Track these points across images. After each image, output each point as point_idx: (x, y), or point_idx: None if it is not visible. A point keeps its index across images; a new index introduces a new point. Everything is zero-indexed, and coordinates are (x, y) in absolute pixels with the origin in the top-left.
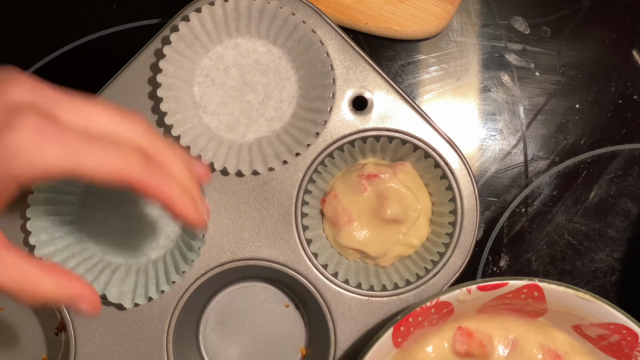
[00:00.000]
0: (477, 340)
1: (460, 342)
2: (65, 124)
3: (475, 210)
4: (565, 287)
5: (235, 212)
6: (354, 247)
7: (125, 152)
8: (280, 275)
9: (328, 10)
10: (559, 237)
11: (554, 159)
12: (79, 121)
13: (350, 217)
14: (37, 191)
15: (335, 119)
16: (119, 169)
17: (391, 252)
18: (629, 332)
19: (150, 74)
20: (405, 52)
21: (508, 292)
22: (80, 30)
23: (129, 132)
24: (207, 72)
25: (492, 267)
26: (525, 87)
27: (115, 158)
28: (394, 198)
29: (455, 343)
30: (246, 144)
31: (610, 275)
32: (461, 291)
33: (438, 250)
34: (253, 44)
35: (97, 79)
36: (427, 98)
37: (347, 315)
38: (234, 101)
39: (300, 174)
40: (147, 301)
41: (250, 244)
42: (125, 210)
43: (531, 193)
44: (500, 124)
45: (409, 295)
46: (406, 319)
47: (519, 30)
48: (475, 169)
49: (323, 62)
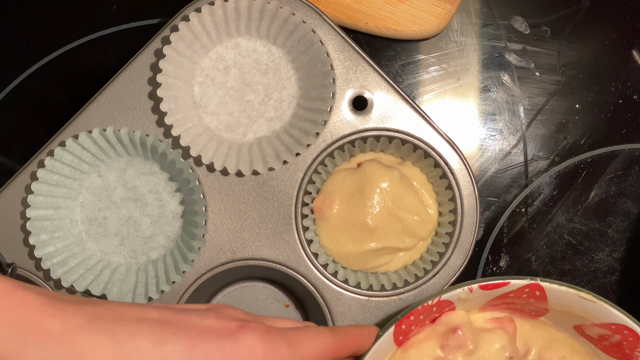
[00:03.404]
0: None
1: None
2: (279, 327)
3: (475, 210)
4: (567, 287)
5: (235, 212)
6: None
7: (322, 330)
8: (280, 275)
9: (328, 10)
10: (559, 237)
11: (554, 159)
12: (279, 324)
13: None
14: (37, 192)
15: (335, 119)
16: (326, 344)
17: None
18: (631, 333)
19: (150, 74)
20: (405, 52)
21: (510, 291)
22: (80, 30)
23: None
24: (207, 72)
25: (492, 267)
26: (525, 87)
27: (321, 336)
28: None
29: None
30: (246, 144)
31: (610, 275)
32: (463, 290)
33: (438, 250)
34: (253, 44)
35: (97, 79)
36: (427, 98)
37: (347, 315)
38: (234, 101)
39: (300, 174)
40: (147, 301)
41: (250, 244)
42: (125, 210)
43: (531, 193)
44: (500, 124)
45: (409, 295)
46: (407, 317)
47: (519, 30)
48: (475, 169)
49: (323, 62)
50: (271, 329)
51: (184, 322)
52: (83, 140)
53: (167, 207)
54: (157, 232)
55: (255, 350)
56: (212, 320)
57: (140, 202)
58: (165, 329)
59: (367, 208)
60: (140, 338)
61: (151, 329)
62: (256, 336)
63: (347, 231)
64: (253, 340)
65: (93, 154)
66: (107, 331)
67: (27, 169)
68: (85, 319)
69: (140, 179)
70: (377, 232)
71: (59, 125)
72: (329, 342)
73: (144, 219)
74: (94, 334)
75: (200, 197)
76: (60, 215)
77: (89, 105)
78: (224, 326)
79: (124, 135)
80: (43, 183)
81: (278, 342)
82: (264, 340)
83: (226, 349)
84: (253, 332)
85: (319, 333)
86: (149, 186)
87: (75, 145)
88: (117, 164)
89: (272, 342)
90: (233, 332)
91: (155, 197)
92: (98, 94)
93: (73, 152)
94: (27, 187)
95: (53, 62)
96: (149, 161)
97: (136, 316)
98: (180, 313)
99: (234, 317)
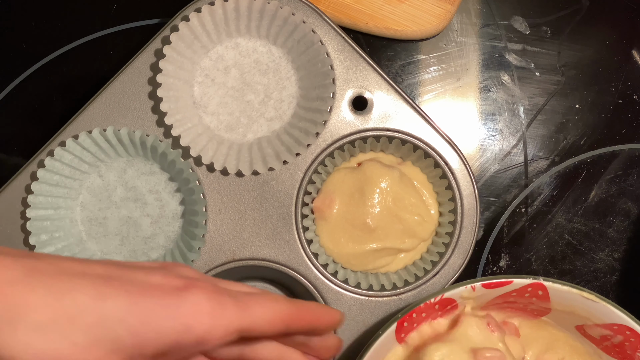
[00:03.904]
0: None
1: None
2: (229, 289)
3: (475, 210)
4: (570, 287)
5: (235, 212)
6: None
7: (277, 297)
8: (280, 275)
9: (328, 10)
10: (559, 237)
11: (554, 159)
12: (232, 287)
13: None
14: (37, 192)
15: (335, 119)
16: (281, 313)
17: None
18: (633, 333)
19: (150, 74)
20: (405, 52)
21: (512, 290)
22: (80, 30)
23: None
24: (207, 72)
25: (492, 267)
26: (525, 87)
27: (276, 303)
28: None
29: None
30: (246, 144)
31: (610, 275)
32: (465, 288)
33: (438, 250)
34: (253, 44)
35: (97, 79)
36: (427, 98)
37: (347, 315)
38: (234, 101)
39: (300, 174)
40: None
41: (250, 244)
42: (125, 210)
43: (531, 193)
44: (500, 124)
45: (409, 295)
46: (410, 314)
47: (519, 30)
48: (475, 169)
49: (323, 62)
50: (221, 289)
51: (128, 278)
52: (83, 140)
53: (167, 207)
54: (157, 232)
55: (200, 308)
56: (158, 278)
57: (140, 202)
58: (107, 285)
59: (367, 208)
60: (79, 292)
61: (92, 283)
62: (203, 294)
63: (347, 231)
64: (199, 297)
65: (93, 154)
66: (45, 284)
67: (27, 169)
68: (23, 272)
69: (140, 179)
70: (377, 232)
71: (59, 125)
72: (283, 310)
73: (144, 219)
74: (31, 287)
75: (200, 197)
76: (60, 215)
77: (89, 105)
78: (170, 283)
79: (124, 135)
80: (43, 183)
81: (226, 301)
82: (210, 298)
83: (169, 306)
84: (200, 290)
85: (273, 299)
86: (149, 186)
87: (75, 145)
88: (117, 164)
89: (219, 301)
90: (178, 290)
91: (155, 197)
92: (98, 94)
93: (73, 152)
94: (27, 187)
95: (53, 62)
96: (149, 161)
97: (78, 271)
98: (126, 269)
99: (184, 275)
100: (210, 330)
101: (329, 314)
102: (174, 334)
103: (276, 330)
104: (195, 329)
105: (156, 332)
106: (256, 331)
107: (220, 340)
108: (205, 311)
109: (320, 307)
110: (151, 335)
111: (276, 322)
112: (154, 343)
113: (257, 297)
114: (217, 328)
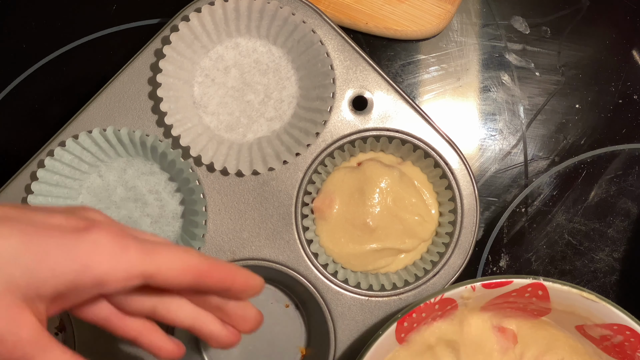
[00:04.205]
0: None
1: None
2: (137, 235)
3: (475, 210)
4: (570, 287)
5: (235, 212)
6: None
7: (189, 249)
8: (280, 275)
9: (328, 10)
10: (559, 237)
11: (554, 159)
12: (143, 235)
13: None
14: (37, 192)
15: (335, 119)
16: (190, 263)
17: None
18: (633, 334)
19: (150, 74)
20: (405, 52)
21: (512, 290)
22: (80, 30)
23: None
24: (207, 72)
25: (492, 267)
26: (525, 87)
27: (186, 253)
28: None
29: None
30: (246, 144)
31: (610, 275)
32: (465, 288)
33: (438, 250)
34: (253, 44)
35: (97, 79)
36: (427, 98)
37: (347, 315)
38: (234, 101)
39: (300, 174)
40: None
41: (250, 244)
42: (125, 210)
43: (531, 193)
44: (500, 124)
45: (409, 295)
46: (410, 314)
47: (519, 30)
48: (475, 169)
49: (323, 62)
50: (126, 233)
51: (26, 218)
52: (83, 140)
53: (167, 207)
54: (157, 232)
55: (100, 248)
56: (59, 219)
57: (140, 202)
58: (2, 225)
59: (367, 208)
60: None
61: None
62: (104, 234)
63: (347, 231)
64: (99, 237)
65: (93, 154)
66: None
67: (27, 169)
68: None
69: (140, 179)
70: (377, 233)
71: (59, 126)
72: (193, 263)
73: (144, 219)
74: None
75: (200, 197)
76: None
77: (89, 105)
78: (71, 224)
79: (124, 135)
80: (43, 183)
81: (129, 244)
82: (112, 239)
83: (66, 245)
84: (101, 230)
85: (184, 250)
86: (148, 186)
87: (75, 145)
88: (117, 164)
89: (121, 243)
90: (78, 230)
91: (155, 197)
92: (98, 94)
93: (73, 152)
94: (27, 187)
95: (53, 62)
96: (149, 161)
97: None
98: (27, 211)
99: (88, 218)
100: (109, 271)
101: (244, 275)
102: (71, 274)
103: (186, 283)
104: (94, 269)
105: (52, 271)
106: (163, 279)
107: (121, 283)
108: (105, 251)
109: (236, 267)
110: (47, 274)
111: (185, 272)
112: (50, 283)
113: (166, 245)
114: (117, 270)
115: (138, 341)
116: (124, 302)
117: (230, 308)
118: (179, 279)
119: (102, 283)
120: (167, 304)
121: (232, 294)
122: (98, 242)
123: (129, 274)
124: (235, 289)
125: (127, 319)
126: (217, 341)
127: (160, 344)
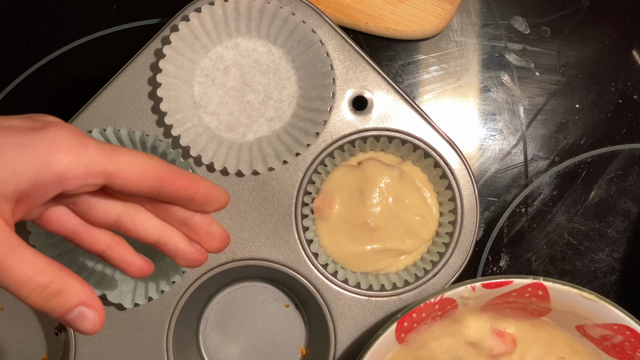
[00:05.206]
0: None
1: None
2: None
3: (475, 210)
4: (570, 287)
5: (235, 212)
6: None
7: (151, 155)
8: (280, 275)
9: (328, 10)
10: (559, 237)
11: (554, 159)
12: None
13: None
14: None
15: (335, 119)
16: (152, 167)
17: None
18: (633, 334)
19: (150, 74)
20: (405, 52)
21: (512, 290)
22: (80, 30)
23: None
24: (207, 72)
25: (492, 267)
26: (525, 87)
27: (148, 157)
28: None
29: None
30: (246, 144)
31: (610, 275)
32: (465, 288)
33: (438, 250)
34: (253, 44)
35: (97, 79)
36: (427, 98)
37: (347, 315)
38: (234, 101)
39: (300, 174)
40: (147, 301)
41: (250, 244)
42: None
43: (531, 193)
44: (500, 124)
45: (409, 295)
46: (410, 314)
47: (519, 30)
48: (475, 169)
49: (323, 62)
50: (85, 134)
51: None
52: None
53: None
54: None
55: (58, 144)
56: (16, 121)
57: None
58: None
59: (368, 207)
60: None
61: None
62: (62, 132)
63: (348, 231)
64: (57, 135)
65: None
66: None
67: None
68: None
69: None
70: (378, 233)
71: None
72: (155, 168)
73: None
74: None
75: None
76: None
77: (89, 105)
78: (28, 124)
79: (124, 135)
80: None
81: (89, 143)
82: (70, 137)
83: (23, 144)
84: (59, 128)
85: (145, 154)
86: None
87: None
88: None
89: (81, 142)
90: (35, 129)
91: None
92: (98, 94)
93: None
94: None
95: (53, 62)
96: None
97: None
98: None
99: (46, 120)
100: (69, 166)
101: (207, 185)
102: (31, 171)
103: (147, 186)
104: (54, 165)
105: (12, 169)
106: (124, 181)
107: (82, 180)
108: (63, 148)
109: (200, 177)
110: (7, 174)
111: (147, 175)
112: (11, 182)
113: (128, 149)
114: (77, 165)
115: (106, 255)
116: (88, 211)
117: (196, 222)
118: (140, 182)
119: (63, 179)
120: (132, 216)
121: (196, 205)
122: (56, 139)
123: (90, 170)
124: (199, 199)
125: (95, 231)
126: (184, 258)
127: (129, 259)
